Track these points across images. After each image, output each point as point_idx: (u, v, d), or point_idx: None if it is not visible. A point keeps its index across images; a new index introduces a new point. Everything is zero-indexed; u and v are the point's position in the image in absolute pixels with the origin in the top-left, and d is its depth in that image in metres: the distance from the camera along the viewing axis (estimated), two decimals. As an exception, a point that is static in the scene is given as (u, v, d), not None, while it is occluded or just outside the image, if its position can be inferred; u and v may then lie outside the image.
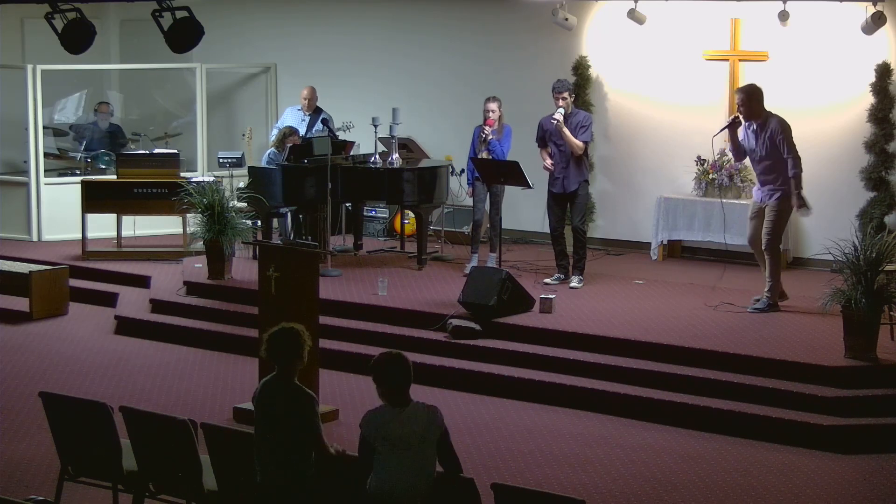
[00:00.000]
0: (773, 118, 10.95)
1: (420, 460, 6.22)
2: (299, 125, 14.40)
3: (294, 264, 9.21)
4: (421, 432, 6.20)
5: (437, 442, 6.24)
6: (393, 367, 6.27)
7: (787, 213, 11.08)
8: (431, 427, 6.23)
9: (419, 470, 6.21)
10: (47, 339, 11.97)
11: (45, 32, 10.66)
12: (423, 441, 6.20)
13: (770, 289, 11.12)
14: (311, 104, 14.68)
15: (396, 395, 6.27)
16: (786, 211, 11.03)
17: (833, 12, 12.64)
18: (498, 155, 12.36)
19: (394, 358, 6.30)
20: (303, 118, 14.65)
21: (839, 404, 9.34)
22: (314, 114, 14.64)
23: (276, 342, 6.45)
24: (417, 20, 15.35)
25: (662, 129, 13.87)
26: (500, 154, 12.38)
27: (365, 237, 14.34)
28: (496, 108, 12.46)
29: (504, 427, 9.52)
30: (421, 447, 6.20)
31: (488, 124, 12.39)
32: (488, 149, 12.41)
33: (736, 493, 8.29)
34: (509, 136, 12.51)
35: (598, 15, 14.06)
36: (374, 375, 6.29)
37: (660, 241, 13.59)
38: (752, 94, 11.01)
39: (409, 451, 6.20)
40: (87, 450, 7.51)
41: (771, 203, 10.98)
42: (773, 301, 11.13)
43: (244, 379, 10.54)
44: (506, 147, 12.45)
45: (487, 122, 12.42)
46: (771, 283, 11.11)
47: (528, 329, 10.78)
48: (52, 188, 14.95)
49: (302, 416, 6.37)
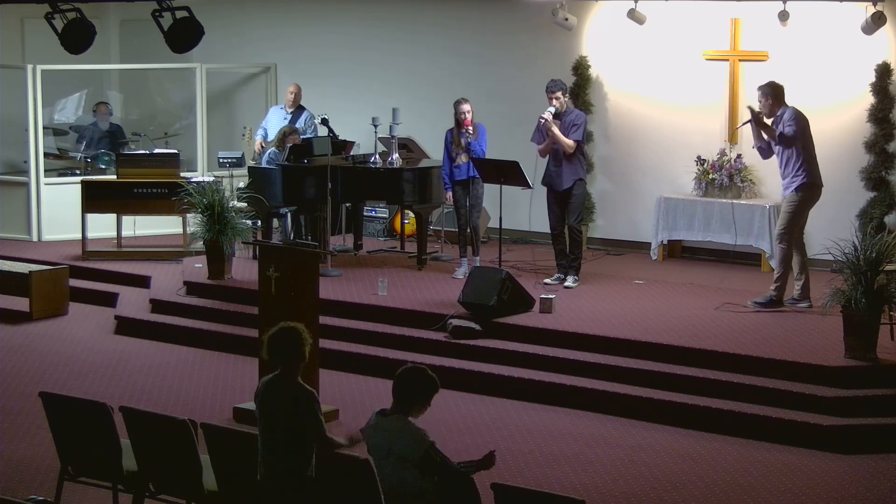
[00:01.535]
0: (786, 109, 10.96)
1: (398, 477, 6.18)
2: (282, 123, 14.42)
3: (294, 264, 9.21)
4: (386, 446, 6.19)
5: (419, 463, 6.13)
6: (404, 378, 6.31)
7: (801, 206, 10.99)
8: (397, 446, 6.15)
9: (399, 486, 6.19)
10: (47, 339, 11.97)
11: (45, 32, 10.66)
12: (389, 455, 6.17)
13: (776, 282, 11.08)
14: (297, 101, 14.69)
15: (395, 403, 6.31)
16: (801, 204, 10.96)
17: (833, 12, 12.64)
18: (479, 155, 12.31)
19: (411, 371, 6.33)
20: (285, 116, 14.67)
21: (839, 404, 9.33)
22: (297, 111, 14.66)
23: (276, 342, 6.47)
24: (417, 20, 15.35)
25: (662, 129, 13.87)
26: (480, 154, 12.32)
27: (365, 237, 14.34)
28: (470, 108, 12.40)
29: (504, 427, 9.52)
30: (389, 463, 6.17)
31: (466, 125, 12.33)
32: (467, 150, 12.35)
33: (736, 493, 8.29)
34: (484, 134, 12.44)
35: (598, 15, 14.06)
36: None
37: (660, 241, 13.59)
38: (768, 92, 11.03)
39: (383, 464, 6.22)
40: (87, 450, 7.51)
41: (787, 195, 10.99)
42: (777, 297, 11.11)
43: (244, 379, 10.54)
44: (484, 146, 12.40)
45: (465, 123, 12.35)
46: (777, 277, 11.08)
47: (528, 329, 10.78)
48: (52, 188, 14.96)
49: (304, 413, 6.37)
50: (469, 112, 12.32)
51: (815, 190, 11.06)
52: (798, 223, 11.11)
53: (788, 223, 10.99)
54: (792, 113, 10.94)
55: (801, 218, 11.14)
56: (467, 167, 12.32)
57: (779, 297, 11.13)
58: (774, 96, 11.02)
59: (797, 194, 10.94)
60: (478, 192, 12.49)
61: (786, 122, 10.89)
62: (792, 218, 10.99)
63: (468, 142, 12.30)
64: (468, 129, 12.27)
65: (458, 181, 12.47)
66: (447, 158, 12.49)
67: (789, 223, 11.00)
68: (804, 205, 11.04)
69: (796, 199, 10.95)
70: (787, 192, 11.01)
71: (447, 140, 12.48)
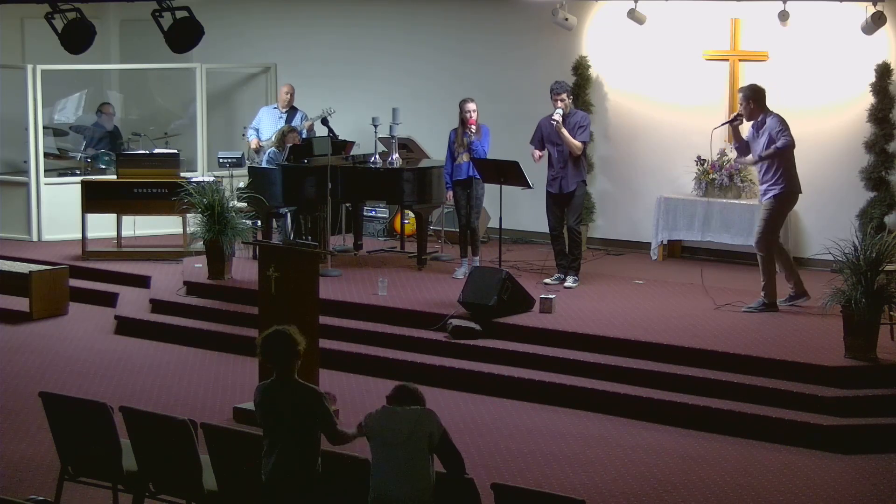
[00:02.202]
0: (771, 116, 10.97)
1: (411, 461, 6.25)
2: (276, 123, 14.42)
3: (294, 264, 9.21)
4: (407, 432, 6.27)
5: (436, 445, 6.31)
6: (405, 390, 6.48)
7: (779, 214, 11.06)
8: (419, 428, 6.28)
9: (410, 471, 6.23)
10: (47, 339, 11.97)
11: (45, 32, 10.66)
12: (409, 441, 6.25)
13: (764, 289, 11.12)
14: (290, 101, 14.71)
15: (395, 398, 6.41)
16: (778, 211, 11.02)
17: (833, 12, 12.64)
18: (480, 155, 12.31)
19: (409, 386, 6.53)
20: (280, 116, 14.68)
21: (839, 404, 9.33)
22: (290, 111, 14.68)
23: (269, 345, 6.50)
24: (418, 20, 15.35)
25: (662, 129, 13.87)
26: (481, 154, 12.32)
27: (365, 237, 14.33)
28: (475, 107, 12.40)
29: (504, 427, 9.52)
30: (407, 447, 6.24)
31: (471, 124, 12.33)
32: (469, 150, 12.34)
33: (736, 493, 8.29)
34: (488, 135, 12.44)
35: (598, 15, 14.06)
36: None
37: (660, 241, 13.59)
38: (749, 95, 11.03)
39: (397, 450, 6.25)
40: (87, 450, 7.51)
41: (765, 201, 11.00)
42: (769, 301, 11.13)
43: (244, 379, 10.54)
44: (486, 146, 12.40)
45: (470, 122, 12.35)
46: (765, 283, 11.11)
47: (528, 329, 10.78)
48: (52, 188, 14.95)
49: (312, 411, 6.38)
50: (474, 111, 12.32)
51: (793, 198, 11.12)
52: (776, 229, 11.14)
53: (765, 230, 11.01)
54: (778, 121, 10.92)
55: (779, 224, 11.19)
56: (467, 167, 12.32)
57: (771, 300, 11.12)
58: (756, 99, 11.02)
59: (775, 202, 10.95)
60: (478, 193, 12.49)
61: (777, 133, 10.85)
62: (768, 225, 11.01)
63: (471, 141, 12.30)
64: (472, 128, 12.27)
65: (457, 181, 12.47)
66: (450, 157, 12.50)
67: (766, 230, 11.02)
68: (782, 212, 11.11)
69: (774, 207, 10.98)
70: (765, 198, 11.02)
71: (451, 139, 12.48)
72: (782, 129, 10.86)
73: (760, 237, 11.03)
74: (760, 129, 10.96)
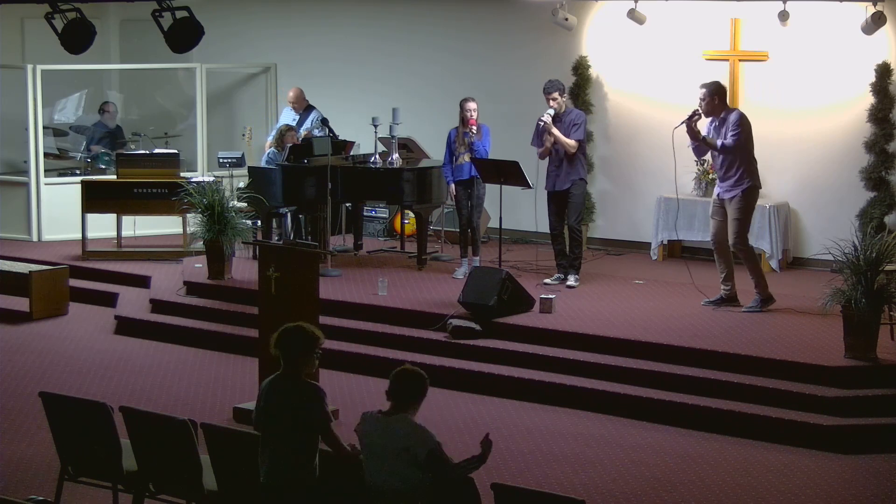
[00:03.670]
0: (732, 112, 11.03)
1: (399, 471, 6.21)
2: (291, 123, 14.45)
3: (294, 264, 9.21)
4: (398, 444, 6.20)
5: (424, 462, 6.19)
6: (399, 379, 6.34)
7: (749, 210, 11.11)
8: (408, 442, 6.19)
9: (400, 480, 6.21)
10: (47, 339, 11.97)
11: (45, 32, 10.65)
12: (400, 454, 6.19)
13: (757, 286, 11.13)
14: (300, 105, 14.73)
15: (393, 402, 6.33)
16: (747, 208, 11.07)
17: (833, 12, 12.64)
18: (481, 155, 12.31)
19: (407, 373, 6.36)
20: (294, 117, 14.70)
21: (839, 404, 9.33)
22: (306, 111, 14.70)
23: (288, 338, 6.42)
24: (417, 20, 15.35)
25: (662, 129, 13.81)
26: (483, 154, 12.31)
27: (365, 237, 14.33)
28: (476, 107, 12.39)
29: (504, 427, 9.52)
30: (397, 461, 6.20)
31: (471, 124, 12.32)
32: (470, 150, 12.34)
33: (736, 493, 8.29)
34: (488, 134, 12.43)
35: (598, 15, 14.06)
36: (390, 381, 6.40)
37: (660, 241, 13.59)
38: (714, 91, 11.08)
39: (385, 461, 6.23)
40: (87, 450, 7.51)
41: (733, 200, 11.02)
42: (765, 297, 11.14)
43: (244, 379, 10.55)
44: (487, 146, 12.39)
45: (470, 122, 12.33)
46: (756, 280, 11.13)
47: (528, 329, 10.78)
48: (52, 188, 14.96)
49: (311, 410, 6.36)
50: (475, 111, 12.31)
51: (756, 192, 11.21)
52: (749, 226, 11.23)
53: (741, 229, 11.08)
54: (737, 117, 10.97)
55: (749, 222, 11.25)
56: (469, 167, 12.31)
57: (766, 295, 11.16)
58: (719, 95, 11.07)
59: (743, 199, 11.00)
60: (480, 193, 12.49)
61: (730, 129, 10.90)
62: (742, 224, 11.07)
63: (471, 141, 12.30)
64: (472, 128, 12.27)
65: (459, 181, 12.47)
66: (448, 155, 12.49)
67: (741, 229, 11.08)
68: (750, 208, 11.16)
69: (742, 205, 11.03)
70: (728, 195, 11.03)
71: (450, 138, 12.47)
72: (736, 129, 10.89)
73: (738, 237, 11.08)
74: (722, 127, 11.00)
